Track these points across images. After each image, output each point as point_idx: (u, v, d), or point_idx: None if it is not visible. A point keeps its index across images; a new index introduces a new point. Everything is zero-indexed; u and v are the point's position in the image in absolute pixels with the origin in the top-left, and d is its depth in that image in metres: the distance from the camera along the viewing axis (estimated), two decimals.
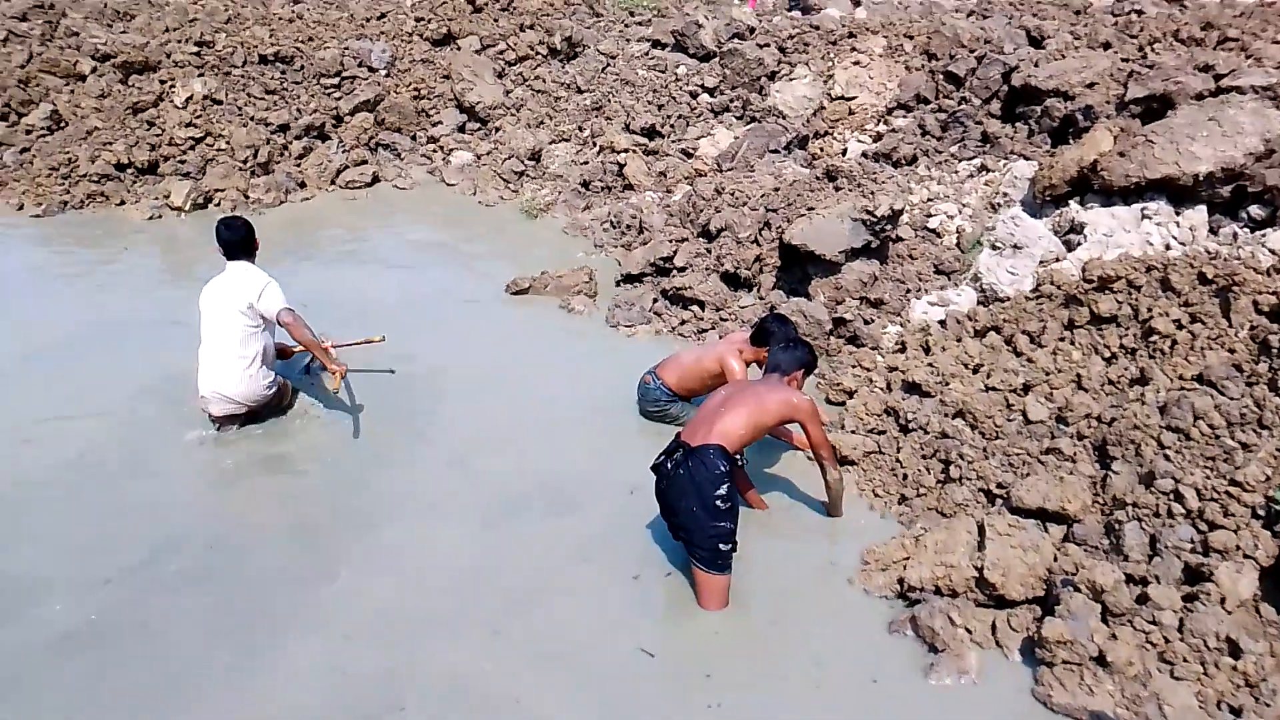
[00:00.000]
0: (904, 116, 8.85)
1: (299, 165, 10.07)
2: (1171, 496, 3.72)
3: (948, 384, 4.99)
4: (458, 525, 4.38)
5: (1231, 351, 4.21)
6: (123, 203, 9.22)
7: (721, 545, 3.76)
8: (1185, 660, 3.26)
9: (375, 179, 10.17)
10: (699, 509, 3.73)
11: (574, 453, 5.01)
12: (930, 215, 7.13)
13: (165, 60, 10.57)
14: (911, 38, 9.70)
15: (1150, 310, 4.60)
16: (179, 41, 10.91)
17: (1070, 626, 3.37)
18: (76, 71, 10.45)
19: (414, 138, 11.04)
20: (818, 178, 7.20)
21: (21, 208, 9.09)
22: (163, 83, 10.27)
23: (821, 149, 9.04)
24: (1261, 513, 3.52)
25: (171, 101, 10.11)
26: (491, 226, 9.03)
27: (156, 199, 9.19)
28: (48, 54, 10.58)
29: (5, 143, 9.86)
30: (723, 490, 3.75)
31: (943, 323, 5.86)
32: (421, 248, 8.39)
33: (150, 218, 8.88)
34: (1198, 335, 4.36)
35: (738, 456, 3.95)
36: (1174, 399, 4.05)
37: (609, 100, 10.67)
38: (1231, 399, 3.94)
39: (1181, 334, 4.43)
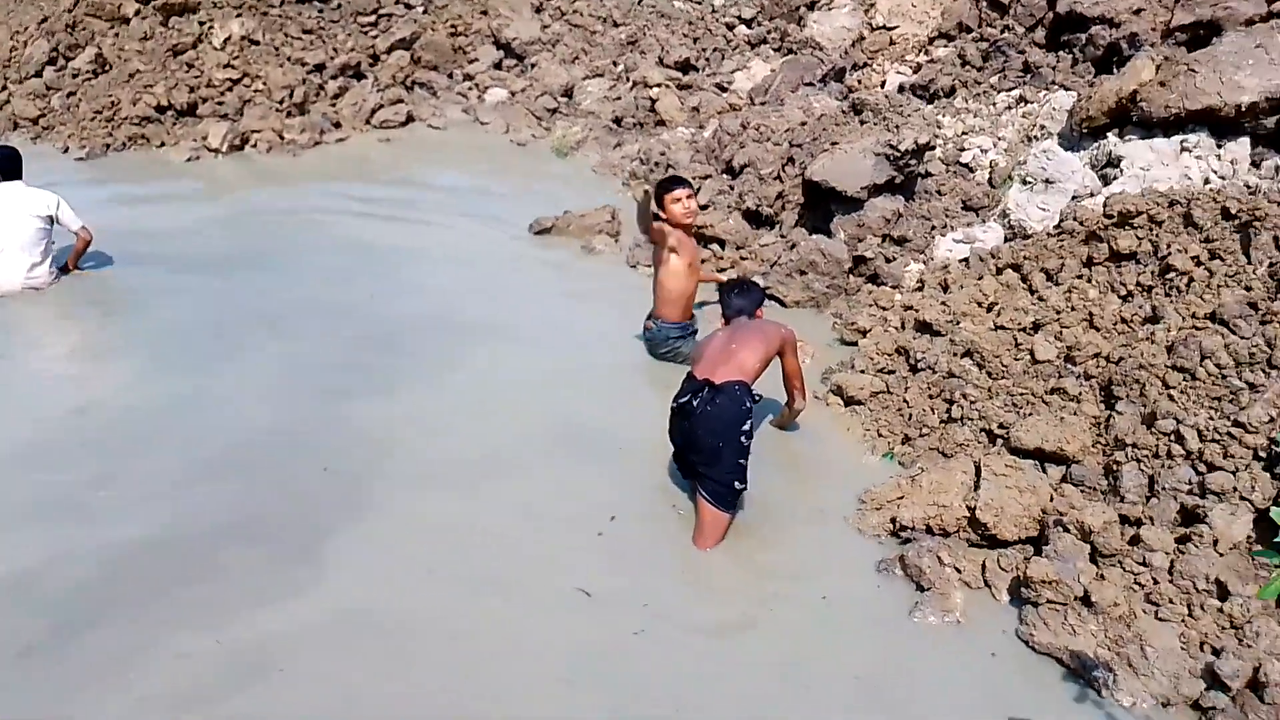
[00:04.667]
0: (945, 46, 8.56)
1: (334, 105, 10.14)
2: (1172, 437, 3.62)
3: (958, 323, 4.89)
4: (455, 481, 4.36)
5: (1248, 289, 4.04)
6: (162, 144, 9.39)
7: (737, 483, 3.77)
8: (1171, 601, 3.21)
9: (410, 118, 10.18)
10: (724, 445, 3.74)
11: (595, 403, 4.89)
12: (964, 150, 6.91)
13: (204, 1, 10.65)
14: None
15: (1169, 246, 4.42)
16: None
17: (1057, 566, 3.34)
18: (120, 15, 10.58)
19: (450, 76, 11.00)
20: (844, 111, 7.02)
21: (66, 150, 9.31)
22: (201, 24, 10.37)
23: (860, 82, 8.81)
24: (1263, 455, 3.41)
25: (210, 43, 10.22)
26: (522, 165, 9.02)
27: (194, 141, 9.35)
28: None
29: (53, 87, 10.09)
30: (747, 426, 3.78)
31: (966, 260, 5.72)
32: (451, 189, 8.41)
33: (189, 159, 9.04)
34: (1215, 272, 4.19)
35: (755, 394, 3.95)
36: (1182, 338, 3.92)
37: (644, 34, 10.51)
38: (1243, 338, 3.80)
39: (1199, 271, 4.26)
